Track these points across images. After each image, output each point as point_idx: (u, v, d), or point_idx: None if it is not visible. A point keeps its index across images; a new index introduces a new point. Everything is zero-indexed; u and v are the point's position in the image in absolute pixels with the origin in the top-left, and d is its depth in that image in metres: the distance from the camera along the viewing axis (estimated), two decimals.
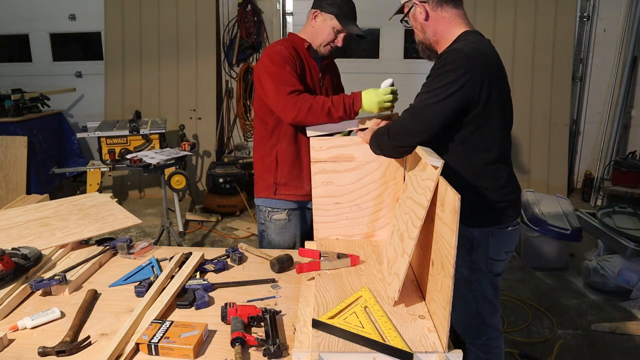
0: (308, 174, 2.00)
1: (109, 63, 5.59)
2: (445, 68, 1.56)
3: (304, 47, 2.11)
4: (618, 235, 3.30)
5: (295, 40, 2.13)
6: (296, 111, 1.90)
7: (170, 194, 4.29)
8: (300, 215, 2.21)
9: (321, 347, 1.25)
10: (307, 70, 2.10)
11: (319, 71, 2.15)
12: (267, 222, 2.19)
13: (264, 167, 2.16)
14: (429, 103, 1.56)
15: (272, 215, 2.17)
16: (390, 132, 1.66)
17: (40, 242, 1.92)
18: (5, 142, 4.67)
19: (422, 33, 1.75)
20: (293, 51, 2.06)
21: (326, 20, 2.05)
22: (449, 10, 1.69)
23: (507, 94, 1.71)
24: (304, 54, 2.11)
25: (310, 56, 2.13)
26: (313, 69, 2.13)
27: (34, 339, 1.39)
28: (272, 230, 2.19)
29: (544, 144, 5.33)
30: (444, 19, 1.69)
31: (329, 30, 2.05)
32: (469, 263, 1.73)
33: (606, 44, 5.30)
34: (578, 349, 2.78)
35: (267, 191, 2.16)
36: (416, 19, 1.73)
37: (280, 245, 2.19)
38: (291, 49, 2.06)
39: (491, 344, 1.83)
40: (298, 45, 2.10)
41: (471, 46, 1.60)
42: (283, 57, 2.00)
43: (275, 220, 2.17)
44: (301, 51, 2.10)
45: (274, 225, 2.18)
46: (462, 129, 1.64)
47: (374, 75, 5.54)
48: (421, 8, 1.69)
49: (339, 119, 1.89)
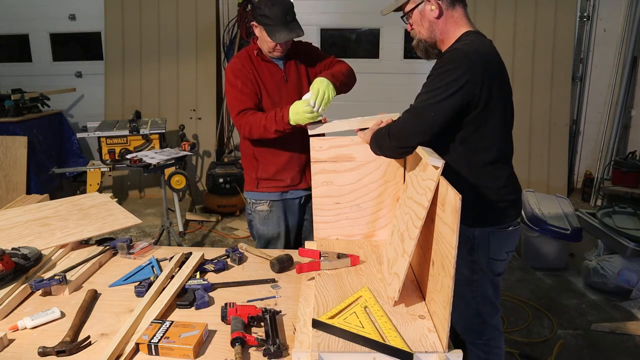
0: (290, 166, 2.24)
1: (109, 63, 5.58)
2: (445, 68, 1.56)
3: (254, 54, 2.20)
4: (618, 235, 3.30)
5: (250, 48, 2.24)
6: (242, 131, 2.15)
7: (170, 194, 4.29)
8: (283, 206, 2.32)
9: (321, 347, 1.25)
10: (266, 74, 2.19)
11: (280, 71, 2.21)
12: (253, 212, 2.34)
13: (247, 164, 2.33)
14: (429, 103, 1.56)
15: (256, 206, 2.32)
16: (391, 132, 1.66)
17: (40, 242, 1.92)
18: (5, 142, 4.67)
19: (427, 31, 1.71)
20: (247, 60, 2.18)
21: (261, 31, 2.11)
22: (458, 10, 1.68)
23: (509, 95, 1.71)
24: (257, 60, 2.20)
25: (267, 59, 2.20)
26: (273, 71, 2.21)
27: (34, 339, 1.39)
28: (257, 220, 2.33)
29: (544, 144, 5.33)
30: (452, 19, 1.68)
31: (267, 39, 2.10)
32: (470, 263, 1.73)
33: (606, 44, 5.30)
34: (578, 349, 2.78)
35: (251, 185, 2.32)
36: (425, 16, 1.69)
37: (266, 234, 2.33)
38: (245, 58, 2.19)
39: (492, 344, 1.83)
40: (251, 53, 2.21)
41: (472, 46, 1.59)
42: (234, 72, 2.17)
43: (259, 212, 2.32)
44: (254, 58, 2.20)
45: (258, 216, 2.32)
46: (463, 129, 1.64)
47: (374, 75, 5.57)
48: (435, 5, 1.65)
49: (274, 132, 2.04)
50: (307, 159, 2.16)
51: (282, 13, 2.05)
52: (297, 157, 2.25)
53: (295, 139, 2.17)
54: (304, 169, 2.27)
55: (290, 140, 2.17)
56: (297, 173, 2.27)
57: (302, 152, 2.22)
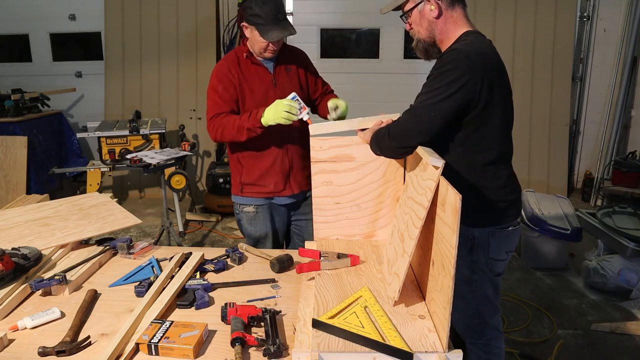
0: (273, 171, 2.22)
1: (109, 63, 5.58)
2: (445, 68, 1.56)
3: (244, 56, 2.16)
4: (618, 235, 3.30)
5: (239, 49, 2.20)
6: (213, 134, 2.15)
7: (170, 194, 4.29)
8: (269, 209, 2.34)
9: (321, 347, 1.25)
10: (254, 78, 2.17)
11: (269, 75, 2.19)
12: (240, 213, 2.36)
13: (233, 168, 2.35)
14: (429, 103, 1.56)
15: (243, 208, 2.34)
16: (391, 132, 1.66)
17: (40, 242, 1.92)
18: (5, 142, 4.67)
19: (426, 31, 1.71)
20: (234, 64, 2.15)
21: (253, 31, 2.07)
22: (458, 10, 1.68)
23: (508, 95, 1.71)
24: (246, 63, 2.17)
25: (257, 62, 2.18)
26: (261, 74, 2.18)
27: (34, 339, 1.39)
28: (245, 220, 2.35)
29: (544, 144, 5.33)
30: (452, 19, 1.68)
31: (259, 39, 2.05)
32: (470, 263, 1.73)
33: (606, 44, 5.29)
34: (578, 349, 2.78)
35: (237, 189, 2.33)
36: (424, 15, 1.69)
37: (253, 233, 2.35)
38: (232, 61, 2.16)
39: (492, 344, 1.83)
40: (240, 55, 2.17)
41: (472, 46, 1.59)
42: (218, 76, 2.16)
43: (245, 213, 2.33)
44: (242, 61, 2.17)
45: (246, 217, 2.34)
46: (463, 129, 1.64)
47: (374, 75, 5.57)
48: (434, 5, 1.66)
49: (246, 130, 2.05)
50: (290, 165, 2.24)
51: (273, 11, 2.02)
52: (280, 162, 2.23)
53: (278, 143, 2.19)
54: (287, 175, 2.26)
55: (272, 143, 2.18)
56: (281, 179, 2.25)
57: (284, 157, 2.22)
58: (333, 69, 5.47)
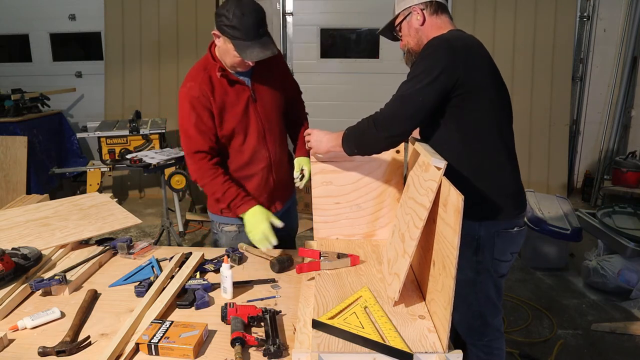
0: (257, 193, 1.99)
1: (108, 63, 5.58)
2: (425, 53, 1.62)
3: (217, 75, 1.85)
4: (618, 235, 3.30)
5: (208, 64, 1.88)
6: (192, 174, 1.94)
7: (170, 194, 4.29)
8: None
9: (321, 348, 1.25)
10: (232, 98, 1.89)
11: (247, 90, 1.91)
12: (219, 232, 2.12)
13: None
14: (416, 88, 1.58)
15: (223, 227, 2.10)
16: (377, 123, 1.63)
17: (40, 242, 1.92)
18: (5, 142, 4.67)
19: (414, 39, 1.76)
20: (207, 85, 1.84)
21: (226, 43, 1.76)
22: (442, 17, 1.74)
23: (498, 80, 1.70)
24: (221, 82, 1.87)
25: (234, 78, 1.88)
26: (239, 91, 1.90)
27: (34, 339, 1.39)
28: (224, 240, 2.11)
29: (544, 143, 5.33)
30: (436, 25, 1.73)
31: (233, 52, 1.76)
32: (475, 264, 1.72)
33: (606, 44, 5.29)
34: (578, 349, 2.78)
35: (214, 208, 2.09)
36: (411, 25, 1.75)
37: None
38: (204, 83, 1.84)
39: (493, 345, 1.83)
40: (212, 71, 1.86)
41: (452, 34, 1.66)
42: (191, 102, 1.84)
43: (226, 232, 2.09)
44: (216, 81, 1.86)
45: (226, 236, 2.10)
46: (461, 120, 1.64)
47: (374, 75, 5.57)
48: (419, 14, 1.72)
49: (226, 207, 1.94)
50: (275, 183, 2.05)
51: (254, 24, 1.72)
52: (265, 184, 2.02)
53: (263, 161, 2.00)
54: (272, 192, 2.05)
55: (258, 162, 1.99)
56: (265, 200, 2.02)
57: (269, 177, 2.03)
58: (333, 69, 5.45)
